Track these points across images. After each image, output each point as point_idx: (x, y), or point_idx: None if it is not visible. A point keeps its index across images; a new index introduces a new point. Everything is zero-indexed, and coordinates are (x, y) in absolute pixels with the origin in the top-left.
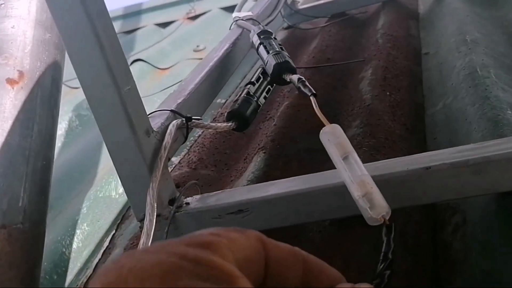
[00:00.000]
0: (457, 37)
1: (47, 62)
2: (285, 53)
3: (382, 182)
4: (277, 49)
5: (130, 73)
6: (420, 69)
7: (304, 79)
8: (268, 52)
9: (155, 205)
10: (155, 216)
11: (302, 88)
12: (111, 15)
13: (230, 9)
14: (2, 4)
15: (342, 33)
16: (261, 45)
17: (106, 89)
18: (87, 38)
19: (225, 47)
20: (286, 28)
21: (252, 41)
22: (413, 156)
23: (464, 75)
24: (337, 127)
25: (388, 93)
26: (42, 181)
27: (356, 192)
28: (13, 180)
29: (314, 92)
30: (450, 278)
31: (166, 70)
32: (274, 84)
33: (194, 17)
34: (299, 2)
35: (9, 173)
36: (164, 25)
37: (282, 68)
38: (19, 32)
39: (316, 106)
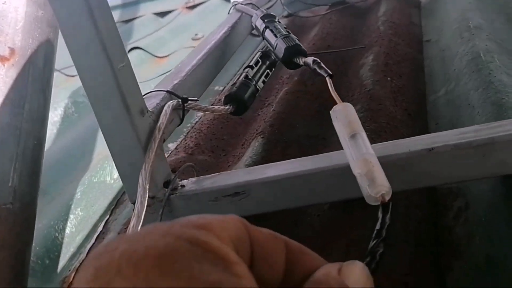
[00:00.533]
0: (460, 23)
1: (40, 40)
2: (294, 36)
3: (383, 164)
4: (285, 33)
5: (125, 50)
6: (422, 57)
7: (319, 60)
8: (276, 36)
9: (147, 186)
10: (146, 198)
11: (318, 70)
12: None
13: None
14: None
15: (343, 21)
16: (267, 29)
17: (100, 65)
18: (81, 12)
19: (223, 31)
20: (286, 16)
21: (256, 25)
22: (415, 138)
23: (467, 61)
24: (348, 106)
25: (389, 78)
26: (33, 162)
27: (356, 170)
28: (3, 159)
29: (331, 73)
30: (453, 263)
31: (164, 58)
32: (273, 69)
33: (193, 7)
34: None
35: (3, 155)
36: (163, 14)
37: (294, 52)
38: (11, 8)
39: (331, 87)
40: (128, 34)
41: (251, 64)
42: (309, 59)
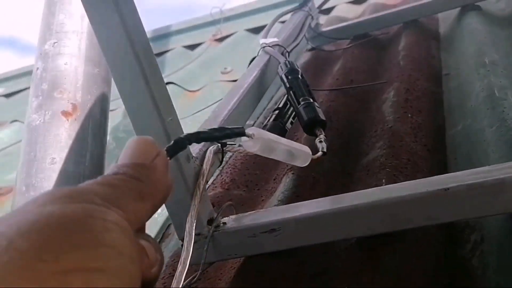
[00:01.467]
0: (476, 58)
1: (96, 95)
2: (315, 104)
3: (404, 202)
4: (307, 98)
5: (172, 104)
6: (441, 90)
7: (323, 139)
8: (298, 102)
9: (194, 226)
10: (193, 237)
11: (317, 144)
12: None
13: (255, 30)
14: (55, 42)
15: (365, 54)
16: (291, 90)
17: (152, 121)
18: (134, 73)
19: (254, 73)
20: (309, 50)
21: (282, 79)
22: (432, 178)
23: (483, 97)
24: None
25: (409, 115)
26: None
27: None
28: None
29: (325, 151)
30: None
31: (196, 92)
32: None
33: (221, 39)
34: (322, 24)
35: None
36: (192, 47)
37: (314, 124)
38: (72, 68)
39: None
40: (161, 68)
41: (280, 106)
42: (321, 136)
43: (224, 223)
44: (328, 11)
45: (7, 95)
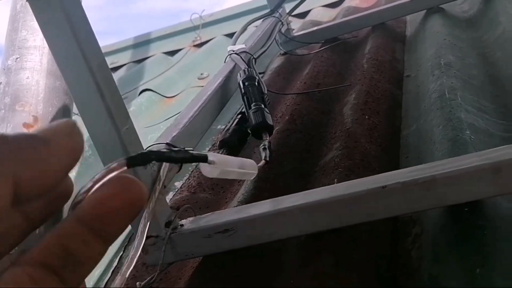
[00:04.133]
0: (433, 60)
1: (58, 107)
2: (265, 110)
3: (346, 200)
4: (258, 104)
5: (128, 114)
6: (401, 92)
7: (267, 146)
8: (249, 107)
9: (146, 230)
10: (143, 242)
11: (261, 152)
12: (122, 45)
13: (233, 35)
14: (18, 57)
15: (334, 58)
16: (245, 96)
17: (107, 130)
18: (88, 85)
19: (218, 81)
20: (283, 54)
21: (239, 84)
22: (372, 177)
23: (435, 98)
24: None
25: (367, 116)
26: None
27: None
28: None
29: (268, 159)
30: (406, 283)
31: (172, 99)
32: None
33: (200, 45)
34: (293, 29)
35: None
36: (172, 53)
37: (260, 128)
38: (33, 81)
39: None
40: (140, 74)
41: (242, 110)
42: (265, 142)
43: (182, 225)
44: (303, 15)
45: None
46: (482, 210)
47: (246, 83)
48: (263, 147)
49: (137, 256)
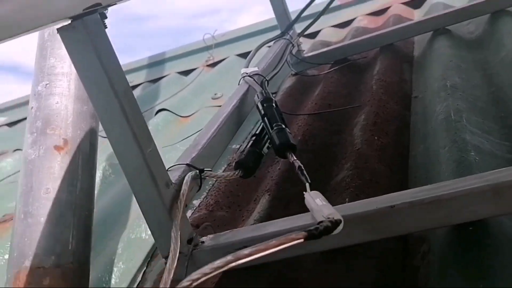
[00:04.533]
0: (439, 82)
1: (85, 130)
2: (287, 130)
3: (357, 218)
4: (279, 124)
5: (151, 136)
6: (409, 113)
7: (302, 167)
8: (272, 128)
9: (178, 245)
10: (177, 254)
11: (300, 175)
12: (137, 64)
13: (246, 55)
14: (47, 84)
15: (344, 79)
16: (265, 117)
17: (133, 152)
18: (115, 111)
19: (233, 103)
20: (294, 75)
21: (257, 107)
22: (381, 197)
23: (441, 119)
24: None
25: (376, 137)
26: (85, 228)
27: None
28: (63, 228)
29: (309, 181)
30: None
31: (188, 118)
32: None
33: (213, 64)
34: (304, 50)
35: (60, 223)
36: (186, 72)
37: (285, 148)
38: (62, 106)
39: (308, 190)
40: (155, 94)
41: (257, 132)
42: (296, 163)
43: (202, 242)
44: (313, 35)
45: (10, 124)
46: (486, 229)
47: (265, 105)
48: (299, 171)
49: (171, 276)
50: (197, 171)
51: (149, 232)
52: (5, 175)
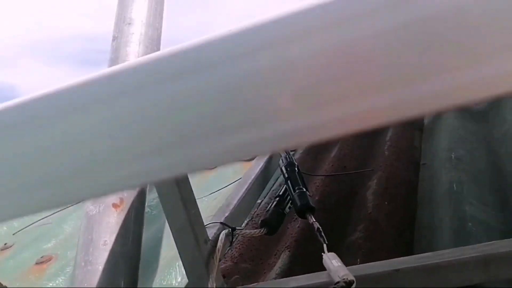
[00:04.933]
0: (445, 153)
1: (138, 190)
2: (307, 193)
3: (363, 280)
4: (301, 188)
5: (195, 199)
6: (417, 179)
7: (321, 229)
8: (294, 190)
9: None
10: None
11: (319, 237)
12: None
13: None
14: None
15: (358, 141)
16: (289, 180)
17: (180, 213)
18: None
19: (260, 166)
20: None
21: (282, 170)
22: (387, 261)
23: (444, 190)
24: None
25: (386, 202)
26: (133, 276)
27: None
28: (117, 276)
29: (326, 242)
30: None
31: (212, 171)
32: None
33: None
34: None
35: (114, 271)
36: None
37: (305, 210)
38: None
39: (326, 251)
40: None
41: (280, 193)
42: (315, 225)
43: None
44: None
45: None
46: None
47: (288, 169)
48: (318, 232)
49: None
50: (230, 229)
51: (179, 279)
52: (35, 218)
